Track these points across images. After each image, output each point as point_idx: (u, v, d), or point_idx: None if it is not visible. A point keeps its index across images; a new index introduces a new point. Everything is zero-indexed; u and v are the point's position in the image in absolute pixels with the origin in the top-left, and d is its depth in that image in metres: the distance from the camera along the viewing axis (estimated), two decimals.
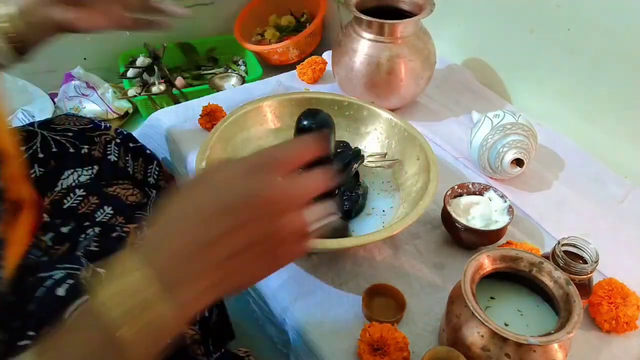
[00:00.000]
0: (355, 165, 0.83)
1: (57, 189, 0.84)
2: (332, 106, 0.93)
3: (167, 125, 1.05)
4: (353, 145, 0.89)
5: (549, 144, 1.04)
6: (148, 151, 1.01)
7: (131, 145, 0.98)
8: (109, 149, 0.92)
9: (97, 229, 0.76)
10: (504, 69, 1.22)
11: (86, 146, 0.89)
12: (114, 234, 0.75)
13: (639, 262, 0.81)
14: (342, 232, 0.77)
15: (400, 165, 0.89)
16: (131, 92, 1.53)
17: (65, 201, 0.82)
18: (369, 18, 0.97)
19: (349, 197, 0.82)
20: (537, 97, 1.15)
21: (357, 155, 0.84)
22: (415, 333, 0.69)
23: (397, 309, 0.72)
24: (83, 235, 0.74)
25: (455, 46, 1.31)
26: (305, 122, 0.75)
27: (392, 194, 0.87)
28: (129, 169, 0.95)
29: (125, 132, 0.98)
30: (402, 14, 1.03)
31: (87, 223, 0.79)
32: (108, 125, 0.97)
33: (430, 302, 0.73)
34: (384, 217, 0.83)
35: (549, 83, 1.11)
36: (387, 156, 0.91)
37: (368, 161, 0.89)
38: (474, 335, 0.57)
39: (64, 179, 0.85)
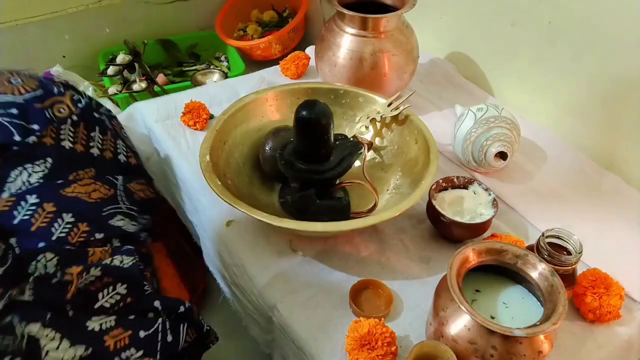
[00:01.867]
0: (355, 156, 0.83)
1: (5, 195, 0.70)
2: (329, 95, 0.93)
3: (147, 119, 1.03)
4: (350, 134, 0.89)
5: (531, 136, 1.05)
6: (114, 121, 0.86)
7: (96, 115, 0.80)
8: (62, 132, 0.75)
9: (38, 271, 0.64)
10: (487, 63, 1.22)
11: (36, 127, 0.72)
12: (54, 281, 0.63)
13: (621, 252, 0.82)
14: (345, 213, 0.79)
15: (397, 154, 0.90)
16: (112, 90, 1.50)
17: (15, 213, 0.69)
18: (351, 13, 0.97)
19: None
20: (519, 90, 1.15)
21: (356, 146, 0.84)
22: (403, 327, 0.69)
23: (384, 304, 0.72)
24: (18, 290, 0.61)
25: (438, 40, 1.31)
26: (304, 113, 0.75)
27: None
28: (92, 149, 0.79)
29: (84, 101, 0.80)
30: (385, 9, 1.03)
31: (42, 244, 0.68)
32: (62, 89, 0.78)
33: (417, 297, 0.73)
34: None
35: (531, 76, 1.12)
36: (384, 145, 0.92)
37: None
38: (461, 329, 0.58)
39: (10, 182, 0.71)
